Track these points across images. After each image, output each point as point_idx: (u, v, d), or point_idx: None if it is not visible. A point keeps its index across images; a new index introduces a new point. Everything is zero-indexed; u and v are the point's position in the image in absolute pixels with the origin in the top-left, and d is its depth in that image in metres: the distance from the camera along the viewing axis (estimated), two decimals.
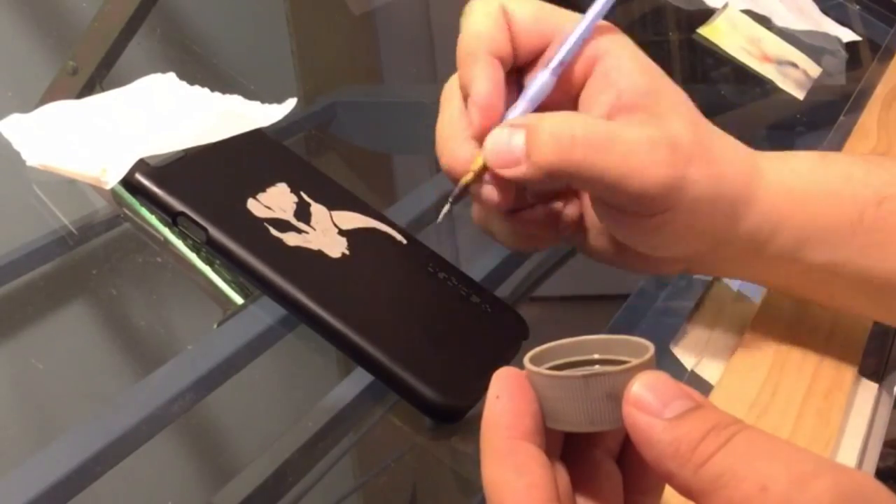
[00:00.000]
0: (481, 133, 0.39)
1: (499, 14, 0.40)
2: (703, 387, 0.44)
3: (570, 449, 0.30)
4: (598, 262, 0.44)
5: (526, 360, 0.29)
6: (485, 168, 0.39)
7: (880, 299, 0.42)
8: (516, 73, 0.41)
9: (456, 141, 0.40)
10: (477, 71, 0.39)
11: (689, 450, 0.26)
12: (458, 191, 0.40)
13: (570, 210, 0.43)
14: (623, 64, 0.39)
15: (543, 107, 0.40)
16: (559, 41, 0.40)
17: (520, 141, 0.38)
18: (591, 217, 0.43)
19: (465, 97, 0.40)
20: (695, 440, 0.26)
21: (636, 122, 0.38)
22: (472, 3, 0.41)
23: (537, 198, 0.43)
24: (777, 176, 0.41)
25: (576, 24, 0.40)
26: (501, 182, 0.39)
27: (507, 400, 0.28)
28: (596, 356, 0.30)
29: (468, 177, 0.40)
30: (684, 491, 0.26)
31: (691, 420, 0.26)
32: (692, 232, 0.40)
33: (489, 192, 0.40)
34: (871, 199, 0.40)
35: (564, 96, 0.40)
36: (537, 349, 0.30)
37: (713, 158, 0.39)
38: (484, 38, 0.39)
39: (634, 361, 0.27)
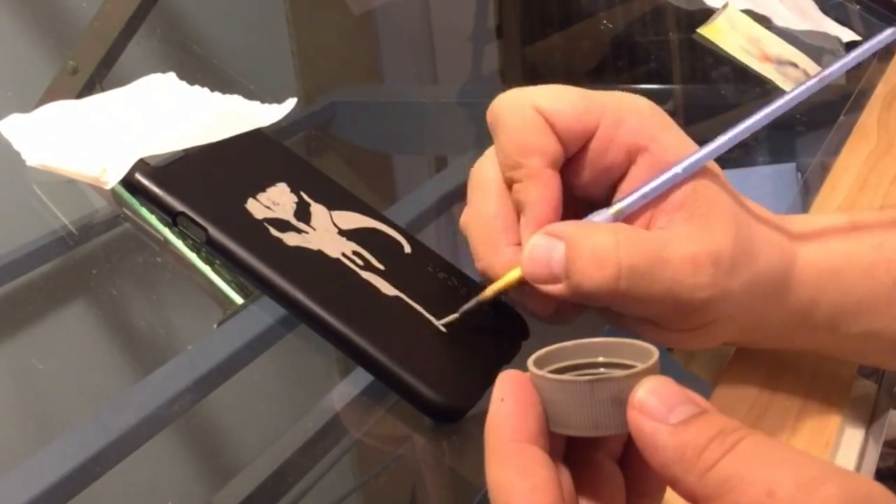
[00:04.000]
0: None
1: (536, 117, 0.37)
2: (703, 387, 0.44)
3: (572, 451, 0.30)
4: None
5: (530, 362, 0.29)
6: (522, 279, 0.37)
7: None
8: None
9: (496, 245, 0.38)
10: (535, 191, 0.37)
11: (695, 455, 0.25)
12: (476, 304, 0.39)
13: None
14: (668, 158, 0.37)
15: (574, 184, 0.39)
16: (636, 175, 0.38)
17: (559, 255, 0.35)
18: None
19: (518, 208, 0.38)
20: (700, 445, 0.26)
21: (679, 227, 0.37)
22: (499, 109, 0.38)
23: None
24: (811, 255, 0.40)
25: (650, 179, 0.37)
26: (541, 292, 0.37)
27: (511, 403, 0.28)
28: (601, 359, 0.30)
29: (498, 284, 0.38)
30: (689, 496, 0.26)
31: (696, 425, 0.26)
32: (732, 330, 0.39)
33: (529, 301, 0.38)
34: None
35: (601, 177, 0.39)
36: (541, 351, 0.30)
37: (752, 259, 0.38)
38: (534, 148, 0.37)
39: (640, 366, 0.27)
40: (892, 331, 0.40)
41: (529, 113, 0.37)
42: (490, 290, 0.38)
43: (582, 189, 0.39)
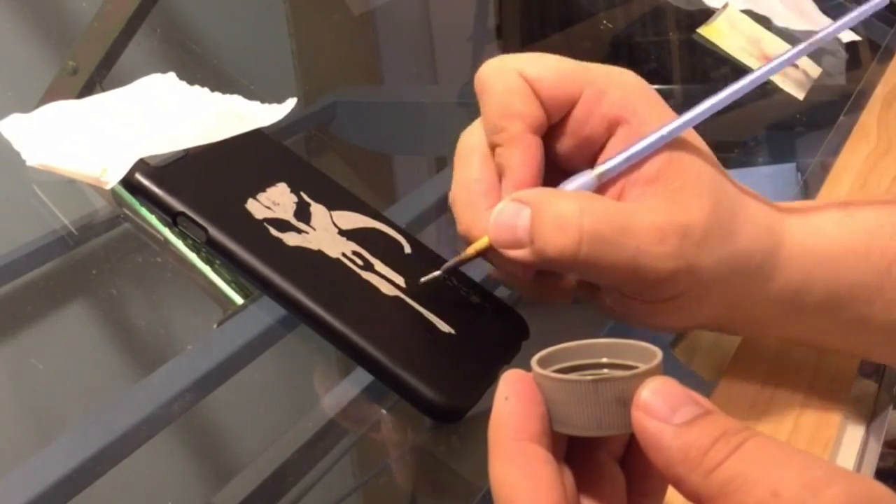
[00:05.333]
0: None
1: (520, 83, 0.38)
2: (703, 387, 0.44)
3: (573, 451, 0.30)
4: (621, 322, 0.42)
5: (533, 362, 0.29)
6: (490, 246, 0.37)
7: None
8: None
9: (476, 209, 0.38)
10: (517, 154, 0.37)
11: (699, 455, 0.25)
12: (454, 264, 0.39)
13: None
14: (646, 131, 0.37)
15: (556, 152, 0.39)
16: (613, 147, 0.38)
17: (525, 220, 0.36)
18: None
19: (500, 172, 0.38)
20: (704, 446, 0.26)
21: (650, 200, 0.37)
22: (485, 75, 0.39)
23: None
24: (801, 238, 0.39)
25: (634, 142, 0.37)
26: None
27: (515, 401, 0.28)
28: (604, 360, 0.30)
29: (469, 251, 0.38)
30: (693, 496, 0.26)
31: (701, 426, 0.26)
32: (708, 307, 0.39)
33: (504, 265, 0.38)
34: None
35: (582, 147, 0.39)
36: (544, 351, 0.30)
37: (731, 236, 0.37)
38: (517, 113, 0.37)
39: (644, 367, 0.27)
40: (882, 318, 0.40)
41: (514, 78, 0.38)
42: (465, 254, 0.39)
43: (564, 158, 0.40)
